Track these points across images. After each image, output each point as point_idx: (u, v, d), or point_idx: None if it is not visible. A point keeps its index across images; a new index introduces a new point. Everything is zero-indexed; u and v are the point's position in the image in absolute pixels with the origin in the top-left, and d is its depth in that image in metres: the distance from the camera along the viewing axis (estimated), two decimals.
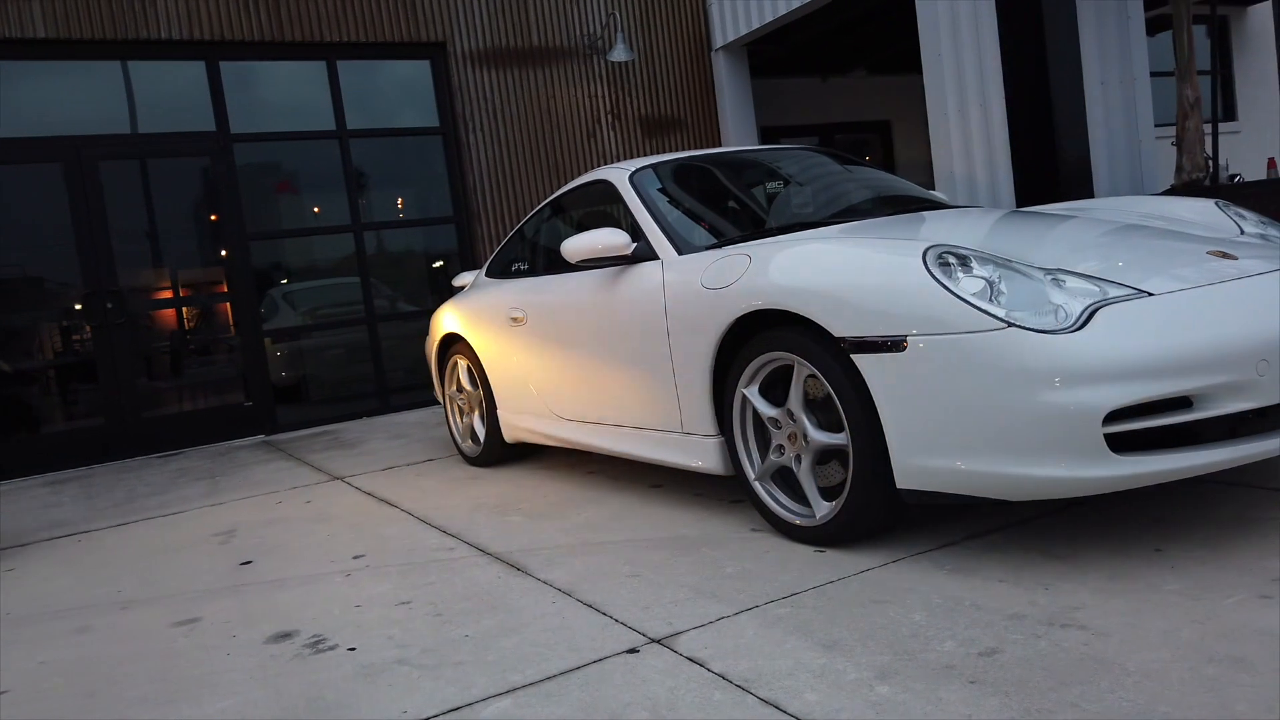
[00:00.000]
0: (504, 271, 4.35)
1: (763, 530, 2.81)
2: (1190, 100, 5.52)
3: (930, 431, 2.24)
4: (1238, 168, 10.29)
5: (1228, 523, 2.37)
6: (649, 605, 2.33)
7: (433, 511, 3.63)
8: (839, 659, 1.89)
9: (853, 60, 10.39)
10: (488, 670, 2.07)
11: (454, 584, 2.70)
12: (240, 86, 6.79)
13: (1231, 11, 12.67)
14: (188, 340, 6.96)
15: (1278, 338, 2.09)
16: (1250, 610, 1.87)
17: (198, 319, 7.13)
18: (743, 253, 2.79)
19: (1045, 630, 1.91)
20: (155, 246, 6.77)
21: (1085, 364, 2.04)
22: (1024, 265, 2.30)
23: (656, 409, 3.13)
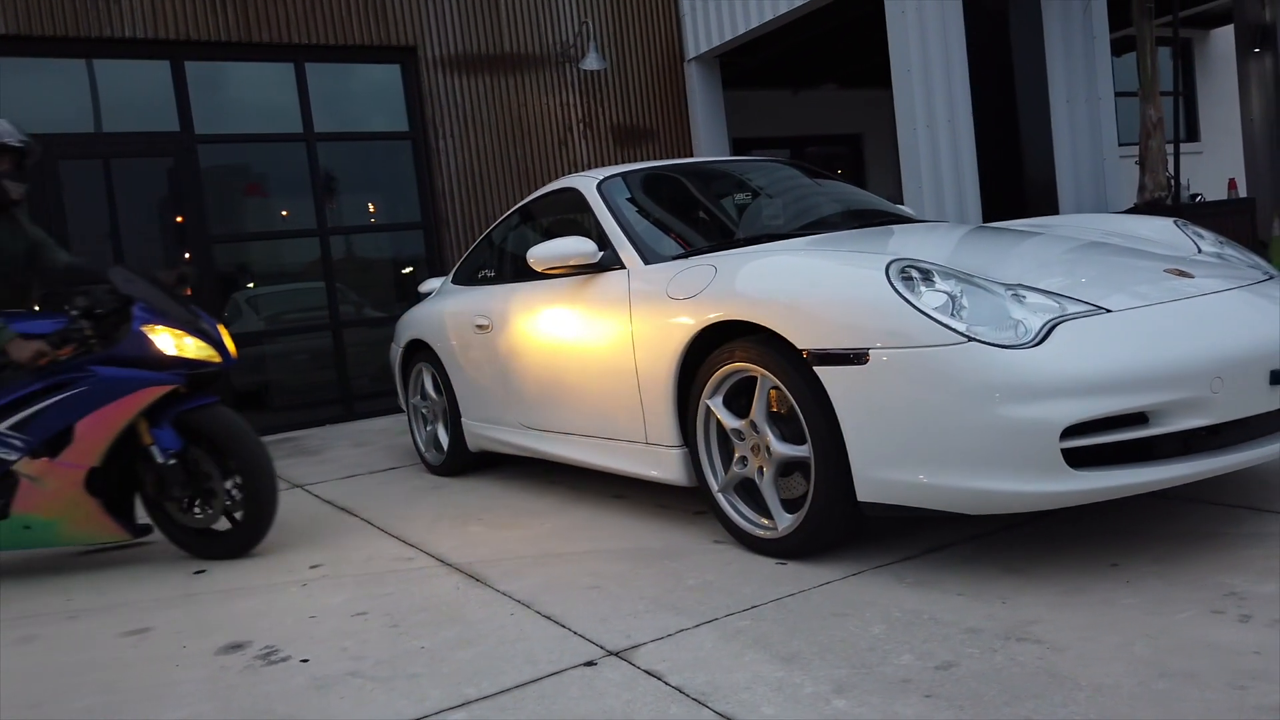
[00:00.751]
0: (470, 278, 4.32)
1: (725, 542, 2.80)
2: (1153, 120, 5.62)
3: (891, 444, 2.24)
4: (1200, 188, 10.48)
5: (1183, 538, 2.39)
6: (608, 617, 2.30)
7: (393, 521, 3.58)
8: (797, 672, 1.89)
9: (824, 74, 10.48)
10: (443, 683, 2.03)
11: (412, 595, 2.67)
12: (206, 87, 6.70)
13: (1195, 34, 12.94)
14: None
15: (1231, 355, 2.12)
16: (1202, 625, 1.89)
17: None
18: (708, 263, 2.79)
19: (1002, 644, 1.91)
20: (117, 247, 6.64)
21: (1043, 379, 2.05)
22: (985, 280, 2.31)
23: (621, 419, 3.11)
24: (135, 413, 3.08)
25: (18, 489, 3.13)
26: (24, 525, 3.18)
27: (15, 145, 3.30)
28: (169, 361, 3.11)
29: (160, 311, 3.16)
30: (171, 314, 3.17)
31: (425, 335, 4.34)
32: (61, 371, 3.08)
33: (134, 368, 3.08)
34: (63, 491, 3.12)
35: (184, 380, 3.14)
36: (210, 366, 3.21)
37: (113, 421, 3.07)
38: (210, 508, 3.25)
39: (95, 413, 3.06)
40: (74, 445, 3.07)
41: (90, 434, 3.07)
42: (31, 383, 3.09)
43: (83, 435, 3.07)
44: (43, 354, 3.03)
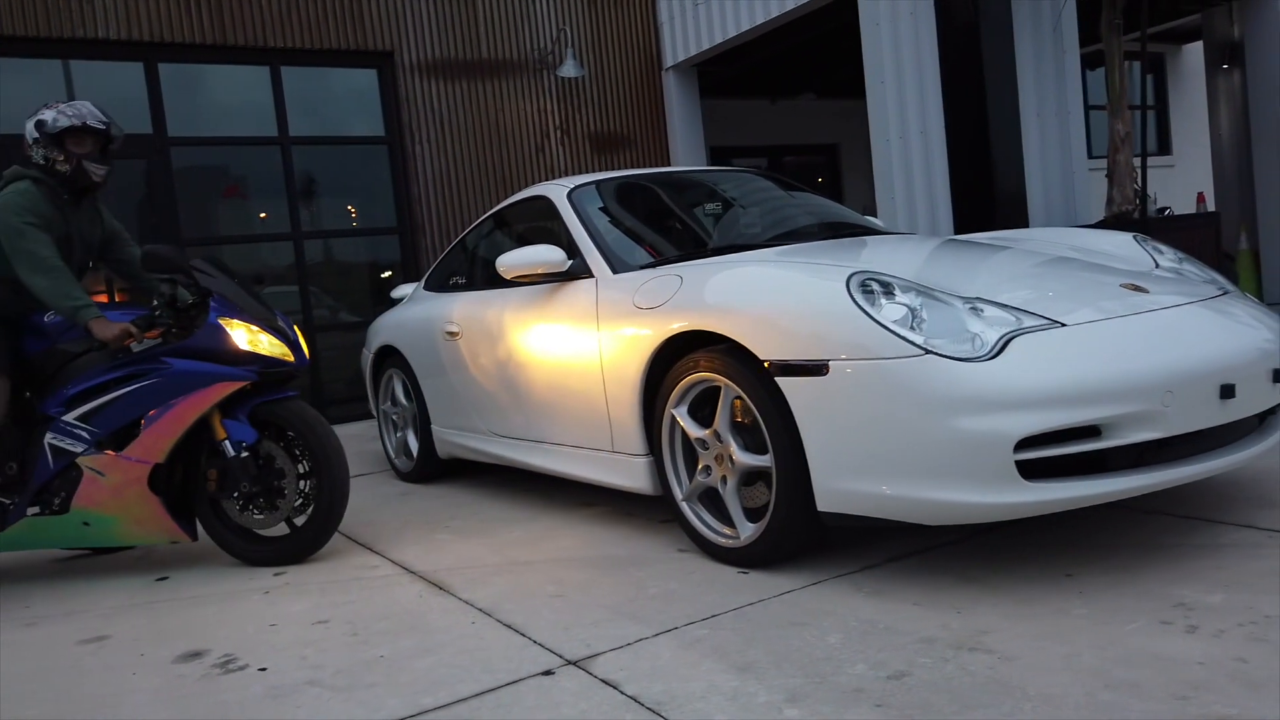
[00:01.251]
0: (442, 285, 4.32)
1: (690, 551, 2.81)
2: (1121, 135, 5.69)
3: (850, 455, 2.26)
4: (1171, 201, 10.63)
5: (1137, 549, 2.43)
6: (569, 626, 2.31)
7: (360, 528, 3.57)
8: (752, 682, 1.90)
9: (802, 84, 10.54)
10: (400, 692, 2.03)
11: (374, 603, 2.66)
12: (180, 89, 6.66)
13: (1168, 49, 13.12)
14: None
15: (1182, 370, 2.15)
16: (1150, 636, 1.92)
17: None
18: (675, 273, 2.81)
19: (954, 654, 1.93)
20: None
21: (998, 392, 2.08)
22: (945, 293, 2.34)
23: (588, 427, 3.12)
24: (206, 408, 3.01)
25: (80, 482, 3.05)
26: (83, 521, 3.09)
27: (97, 128, 3.18)
28: (243, 357, 3.04)
29: (237, 306, 3.10)
30: (248, 309, 3.12)
31: (396, 341, 4.33)
32: (134, 362, 3.01)
33: (207, 361, 3.02)
34: (126, 488, 3.04)
35: (256, 377, 3.06)
36: (284, 365, 3.13)
37: (183, 416, 3.00)
38: (277, 507, 3.12)
39: (165, 406, 2.99)
40: (141, 439, 3.00)
41: (159, 428, 3.00)
42: (104, 372, 3.02)
43: (151, 429, 2.99)
44: (129, 334, 2.97)
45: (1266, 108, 7.74)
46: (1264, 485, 2.82)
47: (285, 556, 3.16)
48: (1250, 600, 2.04)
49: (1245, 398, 2.23)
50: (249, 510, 3.15)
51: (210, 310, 3.05)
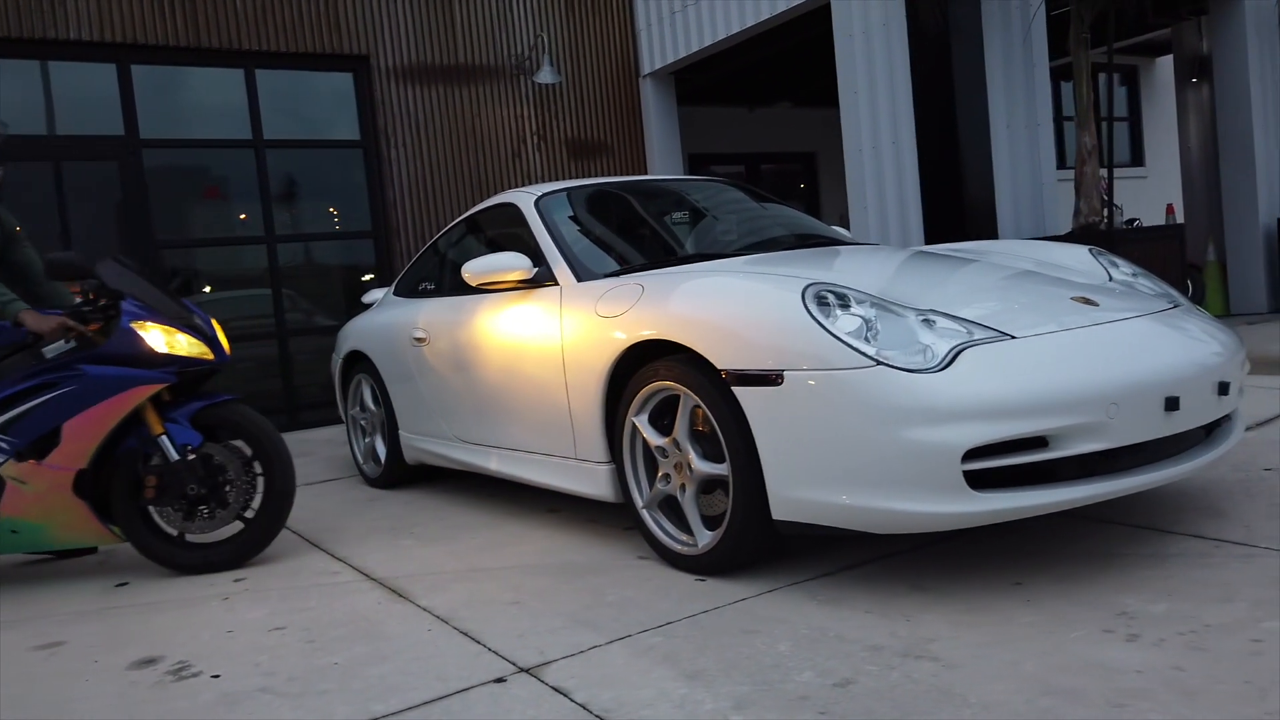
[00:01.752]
0: (411, 291, 4.32)
1: (650, 558, 2.83)
2: (1088, 147, 5.78)
3: (803, 464, 2.29)
4: (1144, 212, 10.79)
5: (1087, 558, 2.47)
6: (524, 633, 2.32)
7: (324, 534, 3.56)
8: (700, 689, 1.92)
9: (779, 92, 10.61)
10: (351, 699, 2.04)
11: (332, 610, 2.66)
12: (153, 91, 6.63)
13: (1141, 62, 13.29)
14: None
15: (1127, 382, 2.19)
16: (1092, 644, 1.95)
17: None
18: (637, 282, 2.83)
19: (900, 661, 1.96)
20: (67, 250, 6.53)
21: (946, 403, 2.11)
22: (898, 305, 2.37)
23: (551, 434, 3.13)
24: (126, 412, 2.99)
25: (3, 492, 3.03)
26: (11, 529, 3.07)
27: None
28: (159, 359, 3.02)
29: (151, 307, 3.07)
30: (163, 309, 3.09)
31: (364, 347, 4.33)
32: (49, 370, 2.99)
33: (124, 365, 2.99)
34: (50, 495, 3.03)
35: (175, 378, 3.05)
36: (203, 364, 3.12)
37: (103, 421, 2.98)
38: (223, 510, 3.11)
39: (83, 413, 2.97)
40: (62, 447, 2.98)
41: (78, 435, 2.98)
42: (18, 381, 3.00)
43: (70, 437, 2.98)
44: (68, 326, 2.95)
45: (1233, 121, 7.86)
46: (1212, 495, 2.87)
47: (236, 556, 3.15)
48: (1193, 609, 2.07)
49: (1190, 410, 2.28)
50: (194, 515, 3.11)
51: (123, 314, 3.02)
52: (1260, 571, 2.25)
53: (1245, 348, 2.67)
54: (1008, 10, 6.09)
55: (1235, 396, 2.49)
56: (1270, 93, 7.95)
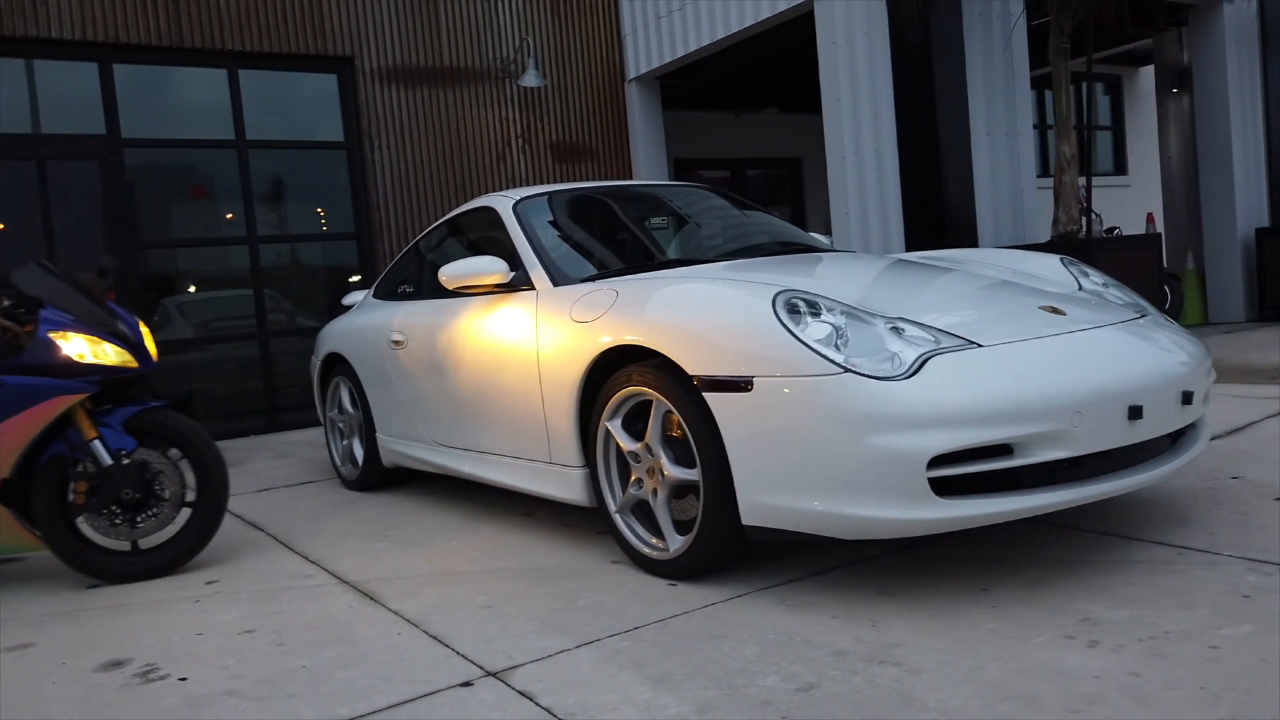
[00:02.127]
0: (390, 293, 4.32)
1: (622, 563, 2.84)
2: (1067, 156, 5.82)
3: (773, 470, 2.30)
4: (1126, 221, 10.87)
5: (1052, 564, 2.49)
6: (494, 638, 2.33)
7: (299, 537, 3.56)
8: (665, 693, 1.93)
9: (765, 98, 10.66)
10: (318, 703, 2.04)
11: (303, 613, 2.66)
12: (136, 90, 6.61)
13: (1124, 71, 13.41)
14: None
15: (1091, 391, 2.22)
16: (1053, 650, 1.97)
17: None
18: (612, 287, 2.84)
19: (864, 666, 1.97)
20: (50, 250, 6.49)
21: (912, 410, 2.13)
22: (868, 313, 2.39)
23: (526, 438, 3.14)
24: (45, 423, 2.98)
25: None
26: None
27: None
28: (81, 368, 3.00)
29: (72, 314, 3.05)
30: (85, 316, 3.07)
31: (343, 349, 4.32)
32: None
33: (44, 375, 2.98)
34: None
35: (97, 388, 3.03)
36: (126, 372, 3.10)
37: (21, 432, 2.97)
38: (154, 516, 3.11)
39: (2, 423, 2.96)
40: None
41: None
42: None
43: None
44: (5, 328, 2.93)
45: (1212, 132, 7.95)
46: (1179, 503, 2.90)
47: (155, 568, 3.14)
48: (1153, 616, 2.10)
49: (1153, 419, 2.30)
50: (125, 521, 3.09)
51: (41, 322, 3.00)
52: (1221, 579, 2.28)
53: (1211, 357, 2.70)
54: (989, 19, 6.14)
55: (1200, 406, 2.52)
56: (1249, 104, 8.04)
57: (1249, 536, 2.55)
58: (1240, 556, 2.41)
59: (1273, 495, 2.89)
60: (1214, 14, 7.87)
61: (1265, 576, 2.27)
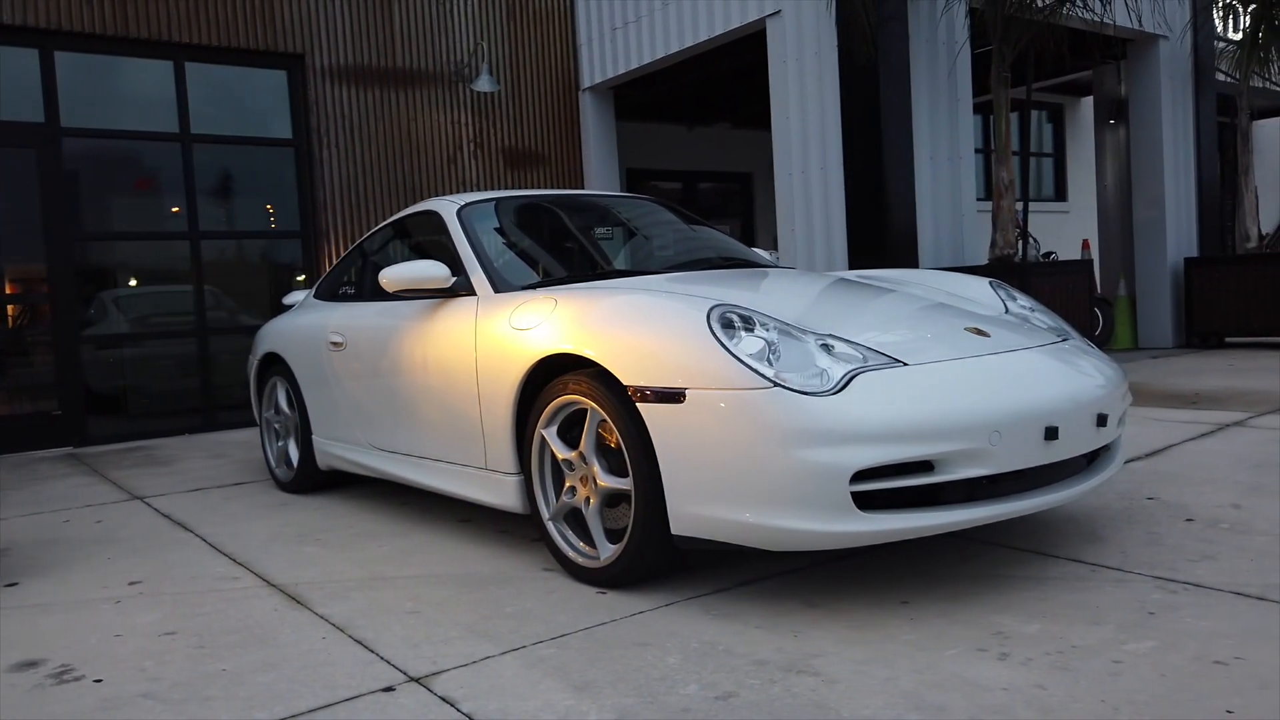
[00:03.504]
0: (331, 294, 4.29)
1: (554, 570, 2.85)
2: (1005, 182, 5.98)
3: (702, 481, 2.34)
4: (1063, 246, 11.18)
5: (971, 579, 2.56)
6: (419, 643, 2.32)
7: (228, 538, 3.51)
8: (586, 701, 1.94)
9: (718, 113, 10.77)
10: (235, 706, 2.02)
11: (227, 615, 2.62)
12: (78, 79, 6.46)
13: (1067, 100, 13.81)
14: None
15: (1009, 411, 2.29)
16: (965, 662, 2.03)
17: (18, 319, 6.67)
18: (551, 296, 2.86)
19: (782, 676, 2.01)
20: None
21: (838, 425, 2.18)
22: (800, 330, 2.44)
23: (462, 444, 3.14)
24: None
25: None
26: None
27: None
28: None
29: None
30: None
31: (281, 349, 4.27)
32: None
33: None
34: None
35: None
36: None
37: None
38: None
39: None
40: None
41: None
42: None
43: None
44: None
45: (1146, 163, 8.22)
46: (1096, 522, 3.00)
47: None
48: (1063, 630, 2.17)
49: (1069, 440, 2.39)
50: None
51: None
52: (1130, 596, 2.37)
53: (1127, 382, 2.81)
54: (934, 46, 6.29)
55: (1114, 428, 2.61)
56: (1180, 138, 8.34)
57: (1159, 555, 2.65)
58: (1149, 575, 2.50)
59: (1184, 516, 3.01)
60: (1150, 50, 8.16)
61: (1171, 595, 2.36)
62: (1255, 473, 3.48)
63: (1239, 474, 3.48)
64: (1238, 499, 3.15)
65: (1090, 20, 6.24)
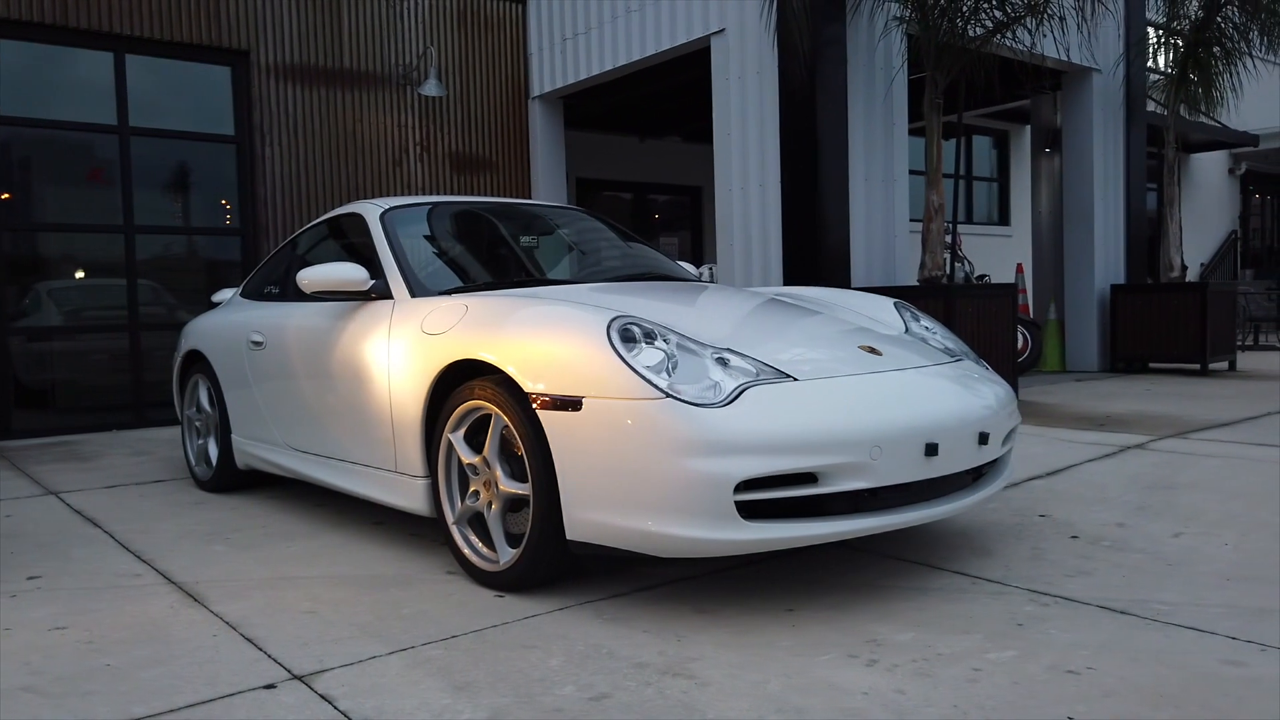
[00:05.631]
0: (257, 293, 4.28)
1: (458, 574, 2.89)
2: (935, 205, 6.14)
3: (595, 488, 2.39)
4: (1006, 269, 11.44)
5: (858, 588, 2.65)
6: (309, 642, 2.34)
7: (137, 536, 3.49)
8: (462, 700, 1.99)
9: (669, 126, 10.87)
10: (114, 701, 2.02)
11: (122, 612, 2.62)
12: (12, 67, 6.36)
13: (1011, 128, 14.15)
14: None
15: (891, 427, 2.38)
16: (835, 667, 2.11)
17: None
18: (463, 302, 2.90)
19: (658, 678, 2.07)
20: None
21: (723, 437, 2.25)
22: (699, 343, 2.51)
23: (374, 447, 3.16)
24: None
25: None
26: None
27: None
28: None
29: None
30: None
31: (203, 347, 4.25)
32: None
33: None
34: None
35: None
36: None
37: None
38: None
39: None
40: None
41: None
42: None
43: None
44: None
45: (1077, 192, 8.48)
46: (987, 536, 3.11)
47: None
48: (933, 639, 2.26)
49: (949, 456, 2.48)
50: None
51: None
52: (1003, 608, 2.47)
53: (1016, 402, 2.92)
54: (872, 70, 6.44)
55: (998, 446, 2.72)
56: (1111, 168, 8.62)
57: (1039, 570, 2.76)
58: (1026, 588, 2.61)
59: (1070, 534, 3.13)
60: (1084, 82, 8.42)
61: (1043, 607, 2.47)
62: (1145, 493, 3.63)
63: (1129, 494, 3.63)
64: (1123, 518, 3.29)
65: (1021, 51, 6.44)
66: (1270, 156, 17.02)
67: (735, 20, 6.64)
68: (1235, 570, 2.71)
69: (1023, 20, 5.94)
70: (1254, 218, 19.62)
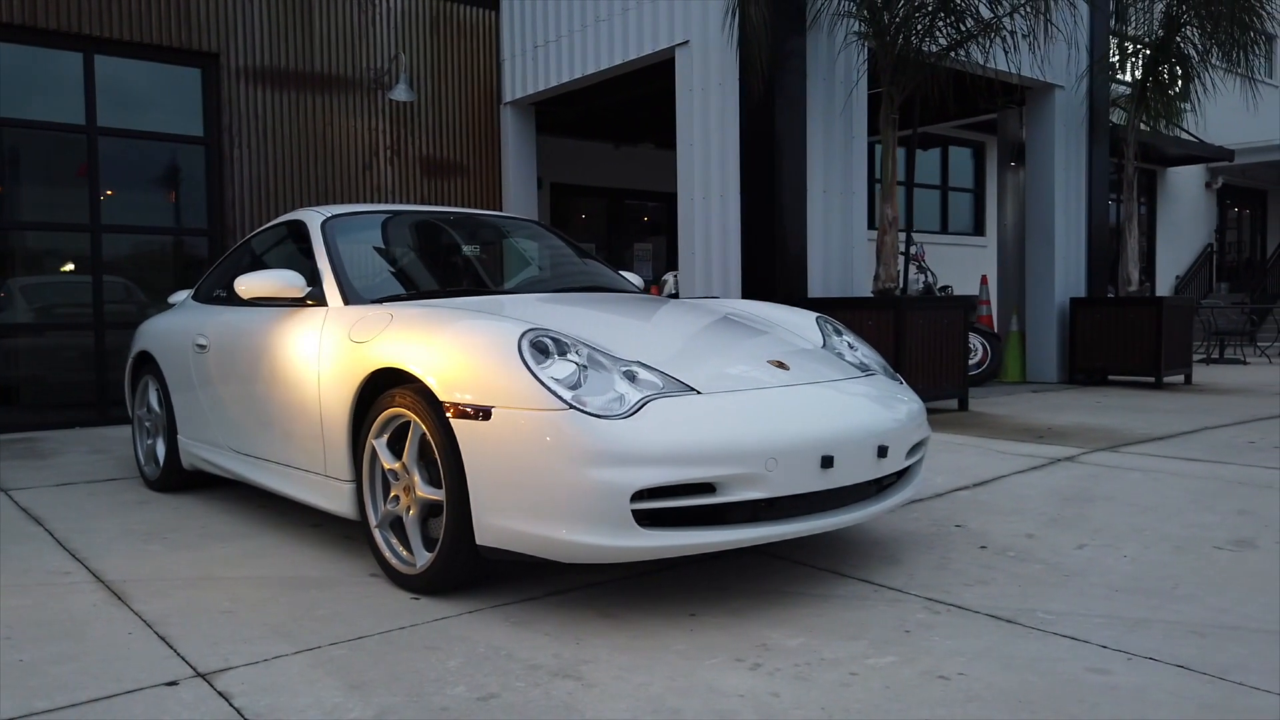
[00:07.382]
0: (207, 296, 4.35)
1: (380, 577, 2.96)
2: (889, 217, 6.25)
3: (503, 495, 2.48)
4: (973, 281, 11.57)
5: (762, 594, 2.73)
6: (220, 641, 2.42)
7: (76, 534, 3.55)
8: (354, 699, 2.06)
9: (643, 133, 10.97)
10: (18, 695, 2.09)
11: (45, 609, 2.69)
12: None
13: (987, 139, 14.28)
14: None
15: (785, 440, 2.47)
16: (720, 671, 2.19)
17: None
18: (389, 311, 2.98)
19: (548, 680, 2.15)
20: None
21: (624, 447, 2.34)
22: (609, 356, 2.60)
23: (305, 451, 3.23)
24: None
25: None
26: None
27: None
28: None
29: None
30: None
31: (153, 348, 4.32)
32: None
33: None
34: None
35: None
36: None
37: None
38: None
39: None
40: None
41: None
42: None
43: None
44: None
45: (1040, 206, 8.60)
46: (899, 545, 3.21)
47: None
48: (820, 644, 2.35)
49: (846, 468, 2.57)
50: None
51: None
52: (898, 615, 2.56)
53: (924, 416, 3.01)
54: (831, 83, 6.55)
55: (901, 459, 2.81)
56: (1073, 183, 8.74)
57: (941, 579, 2.86)
58: (924, 596, 2.70)
59: (979, 544, 3.22)
60: (1047, 98, 8.55)
61: (934, 615, 2.56)
62: (1061, 505, 3.73)
63: (1047, 506, 3.73)
64: (1034, 529, 3.39)
65: (976, 67, 6.55)
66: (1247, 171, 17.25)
67: (699, 32, 6.74)
68: (1127, 582, 2.80)
69: (976, 38, 6.05)
70: (1230, 231, 19.86)
